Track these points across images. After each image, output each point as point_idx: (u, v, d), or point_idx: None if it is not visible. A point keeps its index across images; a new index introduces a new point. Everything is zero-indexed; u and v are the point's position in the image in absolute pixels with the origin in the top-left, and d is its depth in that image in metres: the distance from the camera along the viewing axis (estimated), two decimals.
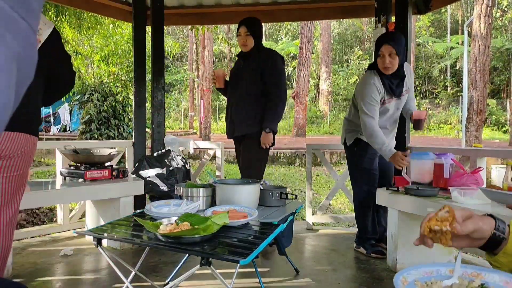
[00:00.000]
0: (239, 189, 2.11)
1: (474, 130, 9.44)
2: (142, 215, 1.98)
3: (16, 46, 0.39)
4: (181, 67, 29.97)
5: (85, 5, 4.14)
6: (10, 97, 0.39)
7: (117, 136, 6.14)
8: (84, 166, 3.00)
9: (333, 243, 3.29)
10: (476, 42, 9.88)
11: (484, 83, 9.79)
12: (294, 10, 4.24)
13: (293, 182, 7.47)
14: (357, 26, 28.40)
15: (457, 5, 26.46)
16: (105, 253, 1.66)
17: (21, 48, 0.40)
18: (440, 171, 2.62)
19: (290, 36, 29.22)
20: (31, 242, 3.26)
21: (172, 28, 27.28)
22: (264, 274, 2.56)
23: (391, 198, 2.65)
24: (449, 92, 24.21)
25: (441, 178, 2.59)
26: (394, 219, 2.64)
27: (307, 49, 16.52)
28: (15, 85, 0.40)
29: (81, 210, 3.75)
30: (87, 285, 2.41)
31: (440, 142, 14.29)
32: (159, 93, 3.96)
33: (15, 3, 0.40)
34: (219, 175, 3.94)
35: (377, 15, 3.49)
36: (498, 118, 20.46)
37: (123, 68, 7.88)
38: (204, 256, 1.41)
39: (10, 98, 0.39)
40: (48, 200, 2.75)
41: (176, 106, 27.24)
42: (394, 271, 2.63)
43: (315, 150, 3.99)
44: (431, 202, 2.31)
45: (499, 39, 22.31)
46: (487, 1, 9.79)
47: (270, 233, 1.72)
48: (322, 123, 22.57)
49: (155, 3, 3.89)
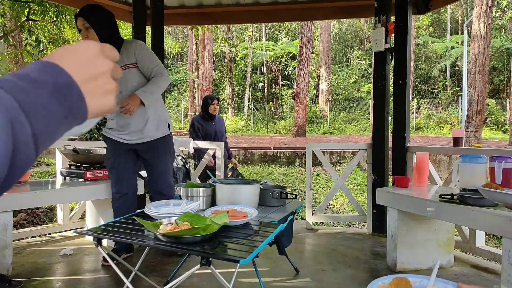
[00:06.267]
0: (239, 189, 2.11)
1: (473, 130, 9.45)
2: (142, 215, 1.99)
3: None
4: (181, 67, 29.99)
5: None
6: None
7: None
8: (84, 166, 3.00)
9: (333, 243, 3.29)
10: (475, 42, 9.89)
11: (484, 83, 9.80)
12: (294, 10, 4.24)
13: (293, 182, 7.47)
14: (357, 26, 28.41)
15: (457, 5, 26.46)
16: (105, 253, 1.66)
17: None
18: (493, 176, 2.36)
19: (290, 36, 29.22)
20: (31, 242, 3.26)
21: (172, 28, 27.28)
22: (264, 274, 2.57)
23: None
24: (448, 92, 24.22)
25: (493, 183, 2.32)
26: (394, 219, 2.64)
27: (307, 49, 16.52)
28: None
29: (81, 210, 3.75)
30: (87, 285, 2.41)
31: (440, 142, 14.28)
32: None
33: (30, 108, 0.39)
34: (219, 175, 3.94)
35: (377, 15, 3.49)
36: (498, 118, 20.48)
37: None
38: (204, 256, 1.41)
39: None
40: (48, 200, 2.75)
41: (176, 106, 27.24)
42: (394, 270, 2.63)
43: (315, 150, 3.99)
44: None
45: (498, 39, 22.32)
46: (487, 1, 9.80)
47: (270, 233, 1.72)
48: (322, 123, 22.58)
49: (155, 3, 3.89)
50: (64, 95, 0.43)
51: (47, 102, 0.41)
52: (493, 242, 4.34)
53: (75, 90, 0.45)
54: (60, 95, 0.43)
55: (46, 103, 0.41)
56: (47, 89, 0.42)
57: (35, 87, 0.41)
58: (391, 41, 3.48)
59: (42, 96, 0.41)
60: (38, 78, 0.42)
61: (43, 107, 0.41)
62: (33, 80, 0.41)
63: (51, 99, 0.42)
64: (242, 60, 28.30)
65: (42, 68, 0.43)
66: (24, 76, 0.41)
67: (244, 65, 28.20)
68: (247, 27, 28.64)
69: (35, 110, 0.40)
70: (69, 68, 0.45)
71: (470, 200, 2.15)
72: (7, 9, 6.62)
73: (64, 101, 0.43)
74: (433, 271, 0.65)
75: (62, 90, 0.43)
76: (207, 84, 16.28)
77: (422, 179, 2.84)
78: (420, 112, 23.22)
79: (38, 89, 0.41)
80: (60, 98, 0.43)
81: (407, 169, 3.46)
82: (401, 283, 0.65)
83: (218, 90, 28.12)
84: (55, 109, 0.42)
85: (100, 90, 0.48)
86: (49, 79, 0.42)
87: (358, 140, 14.87)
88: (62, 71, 0.44)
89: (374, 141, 3.69)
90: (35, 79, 0.42)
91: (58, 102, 0.42)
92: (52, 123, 0.42)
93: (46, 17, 6.39)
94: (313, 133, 20.71)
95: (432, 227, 2.70)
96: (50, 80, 0.42)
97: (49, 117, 0.42)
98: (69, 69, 0.45)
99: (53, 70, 0.44)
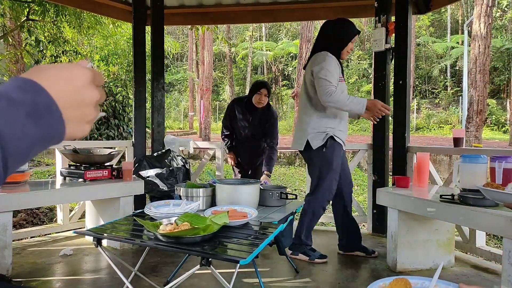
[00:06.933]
0: (239, 189, 2.10)
1: (474, 130, 9.44)
2: (142, 215, 1.98)
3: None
4: (181, 67, 29.98)
5: (85, 5, 4.14)
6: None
7: (117, 136, 6.13)
8: (84, 166, 3.00)
9: (332, 243, 3.28)
10: (476, 42, 9.88)
11: (484, 83, 9.79)
12: (294, 10, 4.24)
13: (293, 182, 7.46)
14: (357, 26, 28.38)
15: (457, 5, 26.45)
16: (105, 253, 1.65)
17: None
18: (493, 176, 2.33)
19: (290, 36, 29.21)
20: (31, 242, 3.25)
21: (172, 28, 27.28)
22: (264, 274, 2.56)
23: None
24: (449, 92, 24.20)
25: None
26: (394, 219, 2.64)
27: (307, 49, 16.48)
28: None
29: (81, 210, 3.75)
30: (87, 285, 2.40)
31: (440, 142, 14.28)
32: (159, 93, 3.96)
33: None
34: (219, 175, 3.93)
35: (377, 15, 3.49)
36: (498, 118, 20.47)
37: (122, 68, 7.88)
38: (204, 256, 1.40)
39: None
40: (48, 200, 2.75)
41: (176, 106, 27.24)
42: (394, 271, 2.63)
43: None
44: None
45: (499, 39, 22.31)
46: (487, 1, 9.79)
47: (270, 233, 1.71)
48: None
49: (155, 3, 3.89)
50: (42, 116, 0.42)
51: (24, 124, 0.40)
52: (494, 243, 4.33)
53: (55, 112, 0.43)
54: (37, 116, 0.41)
55: (22, 124, 0.40)
56: (25, 110, 0.40)
57: (13, 107, 0.39)
58: (391, 41, 3.48)
59: (18, 117, 0.40)
60: (16, 97, 0.40)
61: (19, 128, 0.40)
62: (10, 99, 0.40)
63: (27, 120, 0.40)
64: (242, 60, 28.30)
65: (22, 86, 0.42)
66: (2, 95, 0.40)
67: (244, 65, 28.19)
68: (247, 27, 28.62)
69: (10, 131, 0.39)
70: (54, 92, 0.44)
71: (470, 200, 2.14)
72: (7, 9, 6.61)
73: (41, 122, 0.42)
74: (436, 273, 0.65)
75: (40, 110, 0.42)
76: (207, 84, 16.27)
77: (423, 179, 2.83)
78: (420, 112, 23.21)
79: (15, 110, 0.40)
80: (37, 118, 0.41)
81: (407, 169, 3.46)
82: (401, 283, 0.64)
83: (218, 90, 28.11)
84: (31, 130, 0.41)
85: (80, 119, 0.47)
86: (27, 98, 0.41)
87: (358, 140, 14.86)
88: (42, 90, 0.43)
89: (374, 141, 3.68)
90: (13, 98, 0.40)
91: (35, 122, 0.41)
92: (26, 144, 0.41)
93: (46, 17, 6.38)
94: None
95: (432, 227, 2.69)
96: (28, 99, 0.41)
97: (23, 139, 0.40)
98: (54, 93, 0.43)
99: (33, 89, 0.42)
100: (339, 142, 2.74)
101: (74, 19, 6.53)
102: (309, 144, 2.72)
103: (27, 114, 0.40)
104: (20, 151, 0.40)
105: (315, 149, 2.71)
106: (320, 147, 2.70)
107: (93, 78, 0.48)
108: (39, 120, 0.41)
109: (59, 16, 6.36)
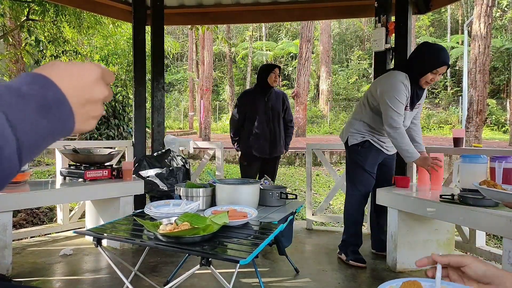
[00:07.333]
0: (239, 189, 2.10)
1: (474, 130, 9.43)
2: (142, 215, 1.98)
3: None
4: (181, 67, 29.97)
5: (85, 5, 4.14)
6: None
7: (117, 136, 6.12)
8: (84, 166, 3.00)
9: (333, 243, 3.28)
10: (476, 42, 9.88)
11: (484, 83, 9.79)
12: (294, 10, 4.24)
13: (293, 182, 7.46)
14: (357, 26, 28.41)
15: (457, 5, 26.46)
16: (105, 253, 1.65)
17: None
18: (493, 176, 2.32)
19: (290, 36, 29.21)
20: (31, 242, 3.26)
21: (172, 28, 27.27)
22: (264, 274, 2.56)
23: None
24: (449, 92, 24.20)
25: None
26: (394, 219, 2.64)
27: (307, 49, 16.52)
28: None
29: (81, 210, 3.75)
30: (87, 285, 2.40)
31: (440, 142, 14.28)
32: (159, 93, 3.96)
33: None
34: (219, 175, 3.93)
35: (377, 15, 3.48)
36: (498, 118, 20.46)
37: (122, 68, 7.88)
38: (204, 256, 1.40)
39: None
40: (47, 200, 2.75)
41: (176, 106, 27.23)
42: (394, 271, 2.63)
43: (315, 150, 3.99)
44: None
45: (499, 39, 22.31)
46: (487, 1, 9.78)
47: (270, 233, 1.71)
48: (322, 123, 22.57)
49: (155, 3, 3.89)
50: (52, 110, 0.43)
51: (35, 117, 0.41)
52: (494, 243, 4.33)
53: (65, 106, 0.44)
54: (48, 109, 0.42)
55: (34, 117, 0.41)
56: (36, 104, 0.41)
57: (24, 101, 0.40)
58: (391, 41, 3.48)
59: (30, 111, 0.41)
60: (28, 92, 0.41)
61: (31, 122, 0.40)
62: (22, 94, 0.41)
63: (39, 114, 0.41)
64: (242, 60, 28.29)
65: (33, 80, 0.43)
66: (14, 89, 0.41)
67: (244, 65, 28.19)
68: (247, 27, 28.61)
69: (23, 124, 0.40)
70: (65, 87, 0.45)
71: (470, 200, 2.15)
72: (7, 8, 6.61)
73: (51, 116, 0.43)
74: (437, 275, 0.64)
75: (50, 104, 0.43)
76: (207, 84, 16.26)
77: (438, 181, 2.74)
78: None
79: (27, 104, 0.40)
80: (48, 112, 0.42)
81: (407, 169, 3.46)
82: (412, 286, 0.63)
83: (218, 90, 28.11)
84: (42, 123, 0.42)
85: (88, 115, 0.48)
86: (38, 93, 0.42)
87: None
88: (53, 85, 0.44)
89: None
90: (25, 92, 0.41)
91: (46, 116, 0.42)
92: (38, 137, 0.42)
93: (46, 16, 6.38)
94: (313, 133, 20.69)
95: (432, 227, 2.69)
96: (39, 94, 0.42)
97: (35, 132, 0.41)
98: (65, 88, 0.44)
99: (44, 84, 0.43)
100: (378, 147, 2.81)
101: (74, 19, 6.53)
102: (347, 140, 2.89)
103: (38, 107, 0.41)
104: (33, 143, 0.42)
105: (351, 146, 2.85)
106: (356, 145, 2.83)
107: (103, 76, 0.49)
108: (49, 113, 0.43)
109: (59, 16, 6.36)
